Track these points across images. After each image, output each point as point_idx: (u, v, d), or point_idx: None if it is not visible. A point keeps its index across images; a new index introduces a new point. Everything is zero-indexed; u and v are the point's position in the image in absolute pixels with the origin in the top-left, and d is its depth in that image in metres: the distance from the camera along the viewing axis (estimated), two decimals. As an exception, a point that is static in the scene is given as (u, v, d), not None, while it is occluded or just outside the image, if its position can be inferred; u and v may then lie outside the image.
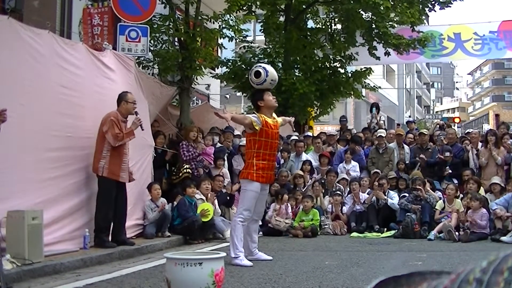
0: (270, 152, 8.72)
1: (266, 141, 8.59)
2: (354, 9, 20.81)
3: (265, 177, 8.68)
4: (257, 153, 8.59)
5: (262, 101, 8.73)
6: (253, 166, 8.56)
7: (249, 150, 8.75)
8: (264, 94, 8.76)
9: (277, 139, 8.89)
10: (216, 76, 22.80)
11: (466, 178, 14.00)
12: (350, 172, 15.30)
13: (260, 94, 8.79)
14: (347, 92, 23.72)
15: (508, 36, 25.90)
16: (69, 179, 9.09)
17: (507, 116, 62.62)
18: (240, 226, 8.60)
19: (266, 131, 8.57)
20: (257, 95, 8.84)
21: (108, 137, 9.39)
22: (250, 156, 8.72)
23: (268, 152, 8.67)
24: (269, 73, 8.68)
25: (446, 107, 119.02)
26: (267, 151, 8.63)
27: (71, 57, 9.37)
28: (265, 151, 8.62)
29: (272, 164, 8.97)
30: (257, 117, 8.55)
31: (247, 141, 9.01)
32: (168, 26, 15.41)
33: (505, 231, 11.89)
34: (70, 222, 9.03)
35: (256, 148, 8.58)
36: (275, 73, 8.91)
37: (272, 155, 8.82)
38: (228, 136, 15.74)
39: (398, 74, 63.71)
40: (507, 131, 16.04)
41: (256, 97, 8.86)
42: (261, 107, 8.74)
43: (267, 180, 8.83)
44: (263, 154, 8.61)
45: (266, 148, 8.61)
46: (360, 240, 12.50)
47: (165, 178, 13.25)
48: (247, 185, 8.68)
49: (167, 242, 10.90)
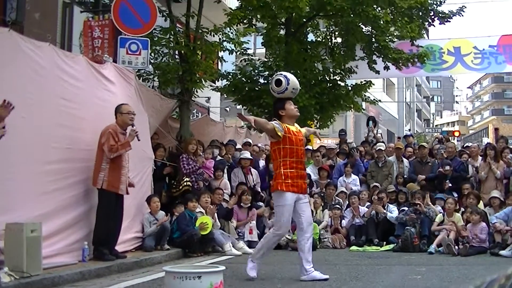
0: (297, 159, 8.37)
1: (291, 148, 8.28)
2: (354, 23, 20.85)
3: (295, 185, 8.26)
4: (284, 162, 8.26)
5: (284, 110, 8.47)
6: (281, 175, 8.22)
7: (275, 161, 8.42)
8: (285, 103, 8.51)
9: (302, 145, 8.55)
10: (216, 89, 22.81)
11: (466, 192, 13.97)
12: (351, 186, 15.30)
13: (281, 103, 8.53)
14: (347, 105, 23.72)
15: (507, 50, 25.99)
16: (68, 192, 9.08)
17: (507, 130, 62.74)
18: (272, 238, 8.39)
19: (290, 137, 8.29)
20: (279, 104, 8.57)
21: (105, 149, 9.40)
22: (276, 166, 8.38)
23: (295, 160, 8.32)
24: (290, 81, 8.42)
25: (446, 120, 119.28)
26: (293, 159, 8.29)
27: (71, 70, 9.39)
28: (291, 159, 8.27)
29: (302, 173, 8.50)
30: (279, 124, 8.31)
31: (272, 152, 8.69)
32: (169, 39, 15.44)
33: (504, 245, 11.87)
34: (69, 235, 9.02)
35: (282, 157, 8.28)
36: (296, 81, 8.65)
37: (299, 163, 8.44)
38: (229, 149, 15.77)
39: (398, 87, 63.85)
40: (506, 145, 16.08)
41: (278, 106, 8.58)
42: (283, 116, 8.47)
43: (299, 190, 8.33)
44: (290, 162, 8.27)
45: (292, 156, 8.28)
46: (359, 254, 12.49)
47: (164, 191, 13.23)
48: (277, 199, 8.35)
49: (166, 255, 10.87)
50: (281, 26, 22.57)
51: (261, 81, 22.40)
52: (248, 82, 21.85)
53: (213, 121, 18.90)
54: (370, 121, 20.83)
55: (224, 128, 18.40)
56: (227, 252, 11.72)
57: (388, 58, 21.52)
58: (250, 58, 24.07)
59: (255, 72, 22.44)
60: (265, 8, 19.65)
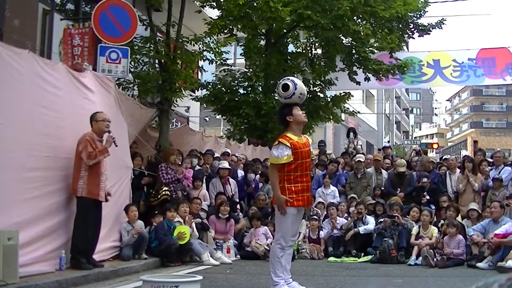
0: (302, 173, 7.98)
1: (297, 163, 7.88)
2: (335, 35, 21.00)
3: (301, 200, 7.93)
4: (287, 176, 7.87)
5: (291, 116, 8.04)
6: (285, 190, 7.81)
7: (279, 174, 7.92)
8: (293, 108, 8.09)
9: (309, 157, 8.19)
10: (196, 98, 22.86)
11: (444, 205, 14.05)
12: (328, 199, 15.33)
13: (288, 109, 8.10)
14: (326, 117, 23.89)
15: (486, 63, 26.30)
16: (47, 200, 9.04)
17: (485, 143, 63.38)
18: (279, 251, 7.90)
19: (297, 153, 7.83)
20: (286, 110, 8.14)
21: (83, 156, 9.39)
22: (280, 179, 7.90)
23: (300, 174, 7.93)
24: (298, 86, 8.07)
25: (425, 132, 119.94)
26: (298, 173, 7.89)
27: (51, 78, 9.35)
28: (295, 173, 7.88)
29: (307, 185, 8.12)
30: (284, 147, 7.83)
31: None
32: (149, 48, 15.47)
33: (481, 257, 11.95)
34: (47, 243, 8.97)
35: (286, 172, 7.86)
36: (303, 86, 8.33)
37: (305, 176, 8.05)
38: (207, 159, 15.73)
39: (377, 99, 64.13)
40: (484, 157, 16.23)
41: (285, 111, 8.13)
42: (290, 123, 8.04)
43: (304, 203, 8.05)
44: (295, 176, 7.89)
45: (296, 170, 7.87)
46: (337, 265, 12.55)
47: (142, 200, 13.20)
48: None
49: (144, 265, 10.85)
50: (261, 36, 22.68)
51: (241, 92, 22.50)
52: (228, 92, 21.96)
53: (193, 130, 18.89)
54: (350, 132, 21.01)
55: (203, 137, 18.40)
56: (205, 262, 11.71)
57: (368, 69, 21.68)
58: (229, 68, 24.16)
59: (235, 82, 22.54)
60: (246, 18, 19.74)
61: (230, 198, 14.63)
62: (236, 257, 13.11)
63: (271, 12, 17.84)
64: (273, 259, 7.94)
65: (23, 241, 8.17)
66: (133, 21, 12.89)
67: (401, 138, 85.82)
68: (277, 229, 8.24)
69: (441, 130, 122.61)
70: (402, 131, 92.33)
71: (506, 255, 11.38)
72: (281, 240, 7.90)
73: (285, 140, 7.87)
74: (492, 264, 11.51)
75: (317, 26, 20.81)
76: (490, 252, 11.83)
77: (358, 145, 20.97)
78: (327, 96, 23.87)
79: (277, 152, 7.85)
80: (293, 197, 7.83)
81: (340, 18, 19.73)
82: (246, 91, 22.43)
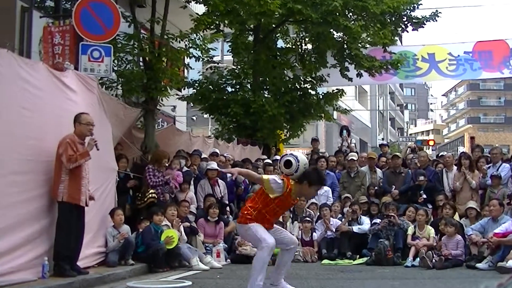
0: (271, 217, 8.28)
1: (274, 207, 8.13)
2: (325, 30, 21.00)
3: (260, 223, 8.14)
4: (259, 209, 8.07)
5: (309, 187, 8.20)
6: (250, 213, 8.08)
7: (254, 197, 8.30)
8: (316, 185, 8.41)
9: (287, 209, 8.38)
10: (182, 98, 22.83)
11: (441, 204, 14.09)
12: (321, 199, 15.30)
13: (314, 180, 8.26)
14: (317, 115, 23.90)
15: (483, 56, 26.34)
16: (29, 205, 8.99)
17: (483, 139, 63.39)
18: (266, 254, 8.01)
19: (281, 199, 8.09)
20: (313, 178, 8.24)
21: (63, 160, 9.35)
22: (251, 203, 8.22)
23: (269, 217, 8.20)
24: (300, 159, 8.17)
25: (420, 129, 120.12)
26: (268, 216, 8.17)
27: (31, 78, 9.31)
28: (266, 214, 8.13)
29: (272, 221, 8.37)
30: (282, 185, 8.03)
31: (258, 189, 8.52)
32: (133, 46, 15.44)
33: (480, 258, 11.98)
34: (29, 250, 8.93)
35: (261, 203, 8.08)
36: (304, 157, 8.46)
37: (275, 215, 8.43)
38: (195, 159, 15.64)
39: (370, 95, 64.15)
40: (482, 154, 16.22)
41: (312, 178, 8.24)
42: (303, 186, 8.17)
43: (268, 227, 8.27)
44: (263, 212, 8.10)
45: (270, 213, 8.16)
46: (331, 268, 12.58)
47: (128, 203, 13.15)
48: (242, 228, 8.28)
49: (131, 271, 10.84)
50: (249, 32, 22.66)
51: (229, 90, 22.49)
52: (215, 90, 21.95)
53: (179, 130, 18.84)
54: (344, 130, 21.01)
55: (191, 138, 18.36)
56: (194, 267, 11.71)
57: (360, 65, 21.68)
58: (217, 66, 24.15)
59: (222, 80, 22.54)
60: (233, 13, 19.71)
61: (219, 200, 14.63)
62: (227, 261, 13.12)
63: (259, 6, 17.80)
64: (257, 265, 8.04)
65: (4, 249, 8.15)
66: (115, 18, 12.87)
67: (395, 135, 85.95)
68: (254, 243, 8.38)
69: (437, 126, 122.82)
70: (396, 128, 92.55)
71: (506, 254, 11.41)
72: (263, 243, 7.96)
73: (287, 185, 8.04)
74: (492, 264, 11.54)
75: (307, 21, 20.81)
76: (490, 252, 11.87)
77: (352, 143, 20.97)
78: (319, 93, 23.87)
79: (276, 185, 8.00)
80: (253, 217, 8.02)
81: (330, 13, 19.75)
82: (234, 89, 22.42)
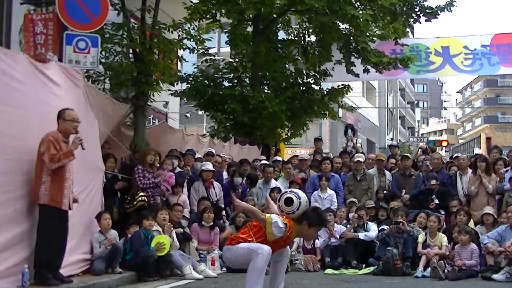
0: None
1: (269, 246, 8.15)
2: (330, 20, 20.97)
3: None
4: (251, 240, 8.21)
5: (309, 228, 8.37)
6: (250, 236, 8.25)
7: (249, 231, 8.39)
8: (317, 226, 8.59)
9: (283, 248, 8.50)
10: (175, 93, 22.79)
11: (454, 210, 13.98)
12: (325, 204, 15.27)
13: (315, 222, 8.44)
14: (321, 112, 23.86)
15: (501, 50, 26.25)
16: (7, 208, 8.93)
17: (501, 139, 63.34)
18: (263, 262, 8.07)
19: (278, 242, 8.26)
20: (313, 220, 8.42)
21: (45, 159, 9.30)
22: (244, 235, 8.37)
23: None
24: (301, 196, 8.39)
25: (433, 129, 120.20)
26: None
27: (10, 70, 9.27)
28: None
29: None
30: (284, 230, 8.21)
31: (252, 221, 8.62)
32: (122, 36, 15.40)
33: (497, 268, 11.93)
34: (8, 257, 8.89)
35: (255, 238, 8.20)
36: (304, 194, 8.63)
37: None
38: (188, 160, 15.61)
39: (379, 91, 64.19)
40: (500, 156, 16.09)
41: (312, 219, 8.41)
42: (303, 226, 8.33)
43: None
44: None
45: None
46: (335, 277, 12.56)
47: (116, 207, 13.12)
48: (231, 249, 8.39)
49: (118, 279, 10.82)
50: (248, 22, 22.63)
51: (226, 84, 22.45)
52: (211, 85, 21.91)
53: (172, 128, 18.83)
54: (348, 129, 20.98)
55: (184, 136, 18.35)
56: (187, 276, 11.70)
57: (367, 60, 21.60)
58: (213, 58, 24.11)
59: (219, 74, 22.51)
60: (231, 2, 19.71)
61: (214, 203, 14.62)
62: (222, 270, 13.09)
63: (259, -7, 17.83)
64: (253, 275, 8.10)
65: (-19, 255, 8.14)
66: (103, 5, 12.85)
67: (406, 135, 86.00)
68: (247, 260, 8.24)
69: (451, 125, 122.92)
70: (407, 127, 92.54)
71: (525, 265, 11.41)
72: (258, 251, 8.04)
73: (289, 228, 8.22)
74: (509, 275, 11.54)
75: (311, 10, 20.80)
76: (507, 262, 11.83)
77: (358, 143, 20.96)
78: (323, 89, 23.85)
79: (277, 231, 8.14)
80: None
81: (336, 1, 19.72)
82: (231, 84, 22.42)
